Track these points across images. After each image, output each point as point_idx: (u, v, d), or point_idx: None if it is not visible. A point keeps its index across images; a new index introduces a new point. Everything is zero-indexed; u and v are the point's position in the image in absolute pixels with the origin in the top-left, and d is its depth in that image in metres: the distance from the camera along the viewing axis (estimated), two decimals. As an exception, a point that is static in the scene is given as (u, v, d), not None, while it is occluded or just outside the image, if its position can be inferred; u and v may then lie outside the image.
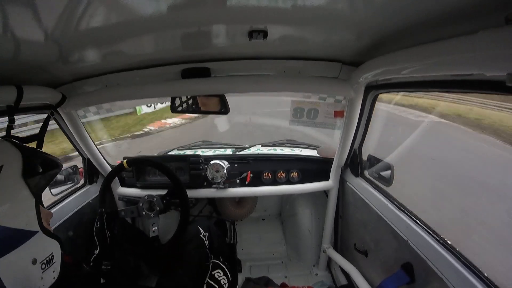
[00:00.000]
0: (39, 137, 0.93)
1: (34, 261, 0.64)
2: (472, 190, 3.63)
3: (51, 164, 0.76)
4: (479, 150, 4.82)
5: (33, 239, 0.65)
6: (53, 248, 0.71)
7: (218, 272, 1.35)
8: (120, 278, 1.41)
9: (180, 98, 1.44)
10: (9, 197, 0.63)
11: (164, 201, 1.43)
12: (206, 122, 7.45)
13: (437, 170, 4.23)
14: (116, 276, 1.37)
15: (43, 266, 0.67)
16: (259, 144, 2.21)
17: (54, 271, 0.70)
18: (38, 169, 0.70)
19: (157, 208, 1.43)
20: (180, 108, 1.45)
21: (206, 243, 1.49)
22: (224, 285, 1.32)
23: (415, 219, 1.17)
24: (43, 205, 0.73)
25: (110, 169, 1.78)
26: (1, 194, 0.61)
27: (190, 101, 1.48)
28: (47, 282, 0.68)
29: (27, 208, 0.66)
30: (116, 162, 1.80)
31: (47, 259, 0.68)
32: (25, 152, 0.69)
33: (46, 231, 0.68)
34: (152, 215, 1.43)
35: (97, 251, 1.27)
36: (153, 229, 1.41)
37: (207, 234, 1.53)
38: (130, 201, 1.75)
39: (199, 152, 2.09)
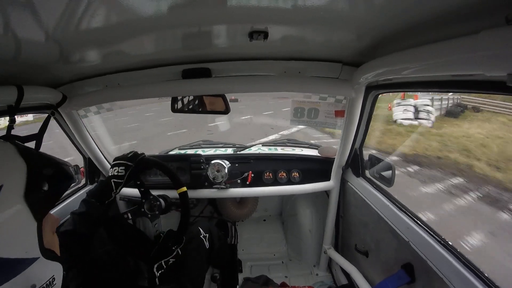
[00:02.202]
0: (38, 137, 0.93)
1: (33, 287, 0.59)
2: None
3: (61, 175, 0.68)
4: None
5: (33, 266, 0.59)
6: (55, 270, 0.65)
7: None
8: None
9: (180, 98, 1.44)
10: (7, 224, 0.55)
11: (155, 225, 1.40)
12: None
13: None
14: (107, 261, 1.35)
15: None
16: (260, 144, 2.21)
17: None
18: (44, 185, 0.62)
19: (148, 215, 1.41)
20: (180, 108, 1.46)
21: (206, 244, 1.49)
22: None
23: (416, 219, 1.17)
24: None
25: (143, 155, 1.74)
26: None
27: (190, 101, 1.49)
28: None
29: (28, 235, 0.59)
30: None
31: (47, 282, 0.62)
32: (32, 162, 0.61)
33: (47, 255, 0.62)
34: (142, 209, 1.39)
35: (117, 192, 1.22)
36: (129, 215, 1.38)
37: (207, 235, 1.53)
38: (132, 201, 1.75)
39: (200, 151, 2.10)
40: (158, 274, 1.24)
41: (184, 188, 1.30)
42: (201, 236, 1.51)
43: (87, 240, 1.10)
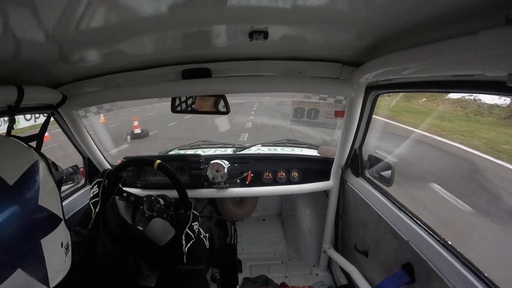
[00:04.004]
0: (39, 137, 0.93)
1: (61, 244, 0.73)
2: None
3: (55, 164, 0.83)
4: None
5: (61, 225, 0.74)
6: (68, 239, 0.79)
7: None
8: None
9: (180, 98, 1.44)
10: (47, 186, 0.72)
11: (164, 215, 1.39)
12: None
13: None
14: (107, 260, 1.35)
15: (66, 251, 0.75)
16: (259, 144, 2.21)
17: (70, 258, 0.78)
18: (55, 166, 0.80)
19: (154, 214, 1.40)
20: (180, 108, 1.46)
21: (206, 243, 1.49)
22: None
23: (415, 219, 1.17)
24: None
25: (111, 168, 1.77)
26: (43, 183, 0.70)
27: (190, 101, 1.49)
28: (67, 266, 0.77)
29: (57, 198, 0.76)
30: (117, 162, 1.80)
31: (67, 245, 0.77)
32: (34, 149, 0.78)
33: (65, 221, 0.77)
34: (146, 214, 1.41)
35: (97, 210, 1.22)
36: (139, 227, 1.39)
37: (207, 235, 1.53)
38: (131, 201, 1.75)
39: (199, 151, 2.10)
40: (187, 249, 1.20)
41: (158, 161, 1.28)
42: (202, 236, 1.50)
43: (87, 264, 1.13)
